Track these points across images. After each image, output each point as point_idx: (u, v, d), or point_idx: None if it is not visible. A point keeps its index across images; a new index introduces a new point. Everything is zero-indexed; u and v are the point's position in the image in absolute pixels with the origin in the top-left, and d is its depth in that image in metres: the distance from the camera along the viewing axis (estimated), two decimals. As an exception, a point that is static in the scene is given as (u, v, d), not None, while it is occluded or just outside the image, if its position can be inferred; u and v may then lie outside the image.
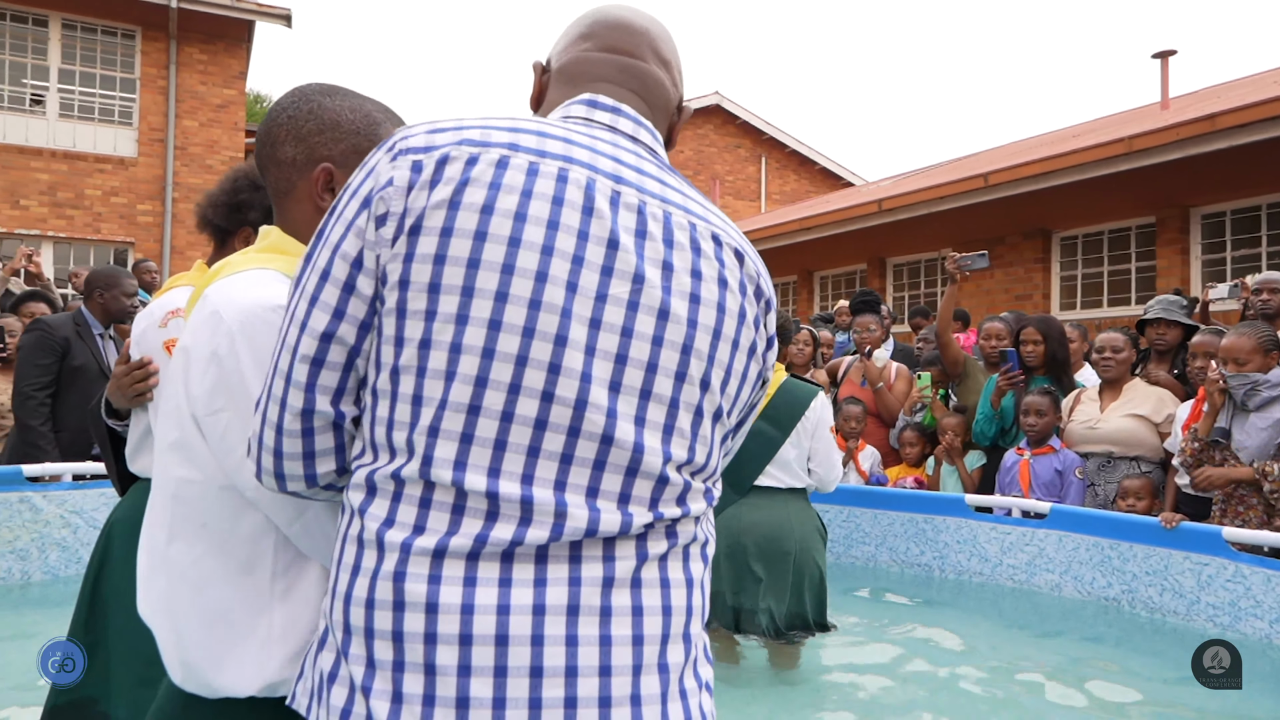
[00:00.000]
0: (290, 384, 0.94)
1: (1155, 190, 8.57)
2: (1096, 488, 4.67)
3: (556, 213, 0.92)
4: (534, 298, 0.89)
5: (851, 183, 20.08)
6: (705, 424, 0.98)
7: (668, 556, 0.96)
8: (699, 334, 0.96)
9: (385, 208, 0.91)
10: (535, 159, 0.93)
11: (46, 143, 12.27)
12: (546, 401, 0.89)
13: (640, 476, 0.93)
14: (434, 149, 0.92)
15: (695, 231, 0.99)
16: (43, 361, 4.38)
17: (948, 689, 3.45)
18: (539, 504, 0.89)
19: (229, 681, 1.06)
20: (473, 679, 0.86)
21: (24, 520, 4.37)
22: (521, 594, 0.88)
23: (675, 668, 0.94)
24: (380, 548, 0.89)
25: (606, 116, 1.06)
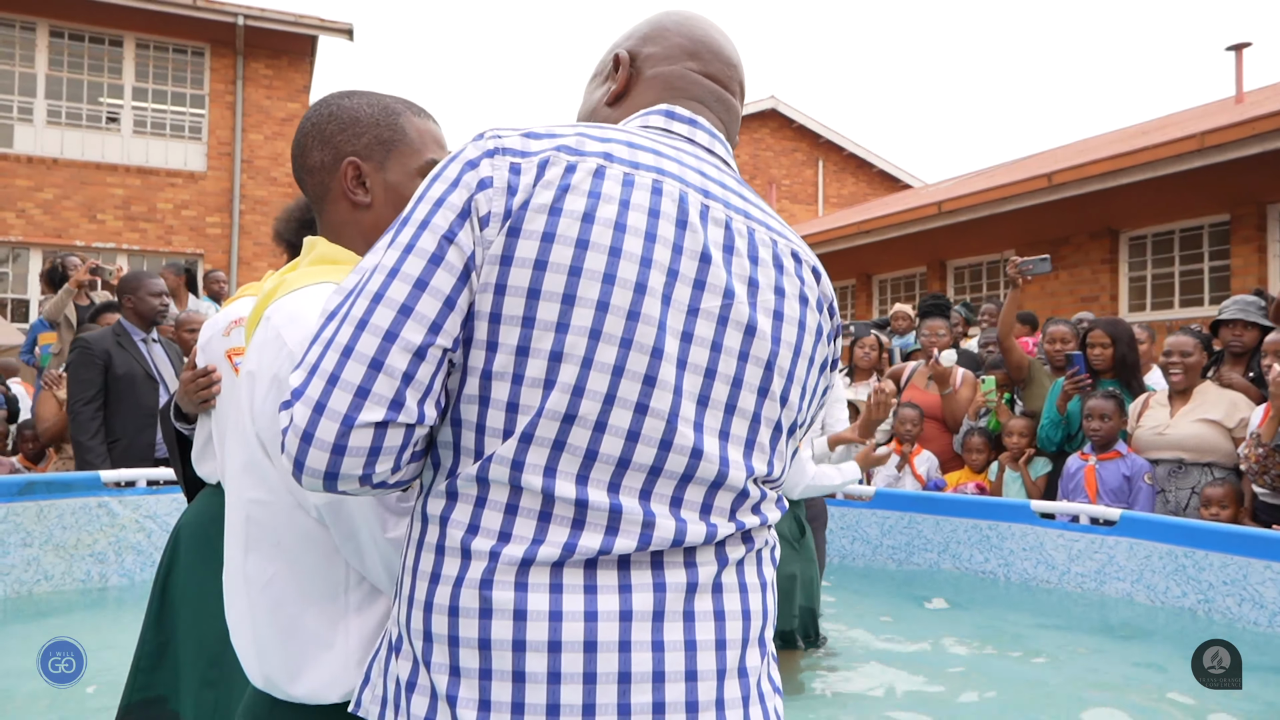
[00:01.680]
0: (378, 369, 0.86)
1: (1229, 187, 8.30)
2: (1167, 494, 4.53)
3: (653, 224, 0.92)
4: (633, 309, 0.89)
5: (910, 185, 19.81)
6: (783, 439, 1.01)
7: (744, 562, 0.97)
8: (782, 350, 0.98)
9: (488, 207, 0.89)
10: (630, 170, 0.93)
11: (121, 159, 12.71)
12: (640, 413, 0.89)
13: (723, 489, 0.94)
14: (531, 154, 0.91)
15: (777, 248, 1.01)
16: (85, 376, 4.50)
17: (1009, 697, 3.37)
18: (627, 513, 0.89)
19: (309, 691, 1.09)
20: (563, 685, 0.86)
21: (101, 525, 4.52)
22: (608, 600, 0.88)
23: (754, 671, 0.95)
24: (465, 555, 0.89)
25: (684, 128, 1.06)
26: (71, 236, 12.30)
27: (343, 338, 0.87)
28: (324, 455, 0.86)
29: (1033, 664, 3.77)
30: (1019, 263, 5.29)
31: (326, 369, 0.86)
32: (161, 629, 2.05)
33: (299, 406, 0.86)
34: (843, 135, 19.92)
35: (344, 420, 0.85)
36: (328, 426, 0.85)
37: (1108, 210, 9.39)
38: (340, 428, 0.85)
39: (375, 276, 0.89)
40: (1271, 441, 3.94)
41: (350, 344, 0.86)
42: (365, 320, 0.87)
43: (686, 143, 1.05)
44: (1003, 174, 11.88)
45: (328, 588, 1.10)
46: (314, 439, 0.85)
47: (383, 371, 0.86)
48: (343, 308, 0.89)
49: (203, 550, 1.99)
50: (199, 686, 1.92)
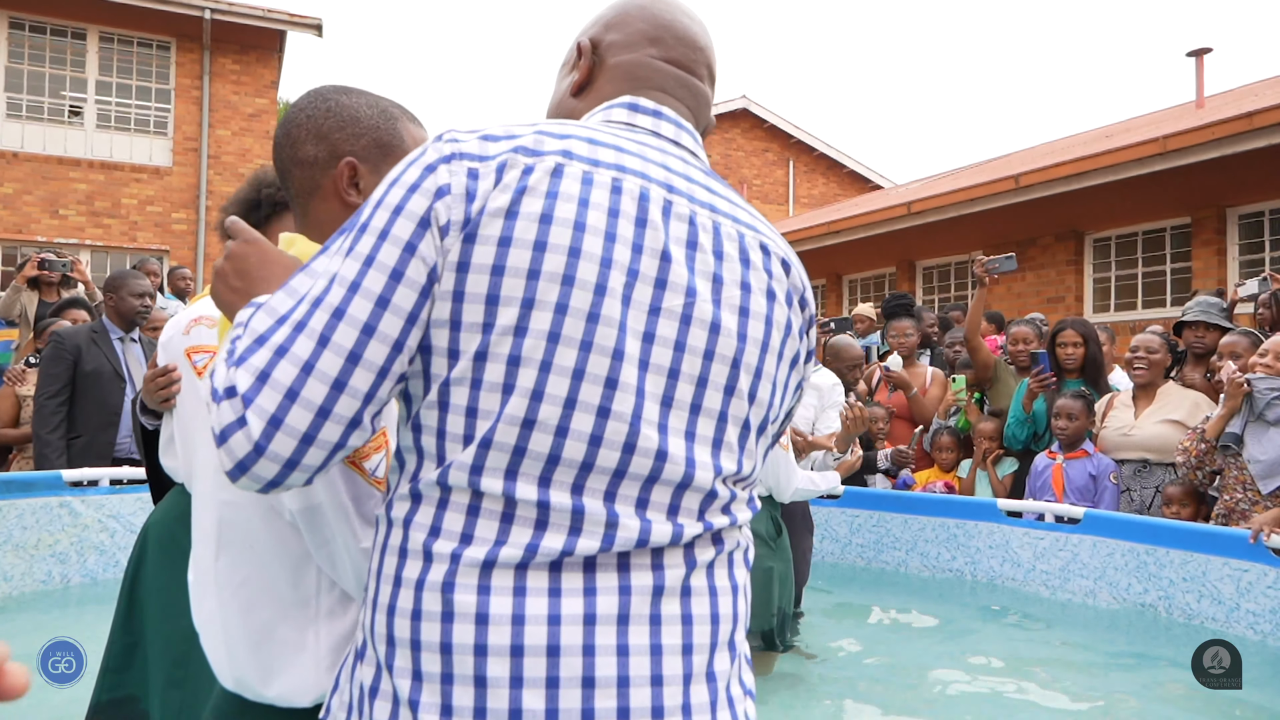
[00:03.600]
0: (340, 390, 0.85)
1: (1191, 190, 8.45)
2: (1132, 493, 4.60)
3: (612, 224, 0.90)
4: (592, 310, 0.87)
5: (880, 185, 19.96)
6: (751, 437, 0.99)
7: (714, 564, 0.95)
8: (748, 348, 0.96)
9: (447, 216, 0.87)
10: (589, 168, 0.92)
11: (84, 153, 12.50)
12: (602, 417, 0.88)
13: (690, 490, 0.92)
14: (489, 157, 0.90)
15: (744, 241, 0.99)
16: (53, 371, 4.49)
17: (976, 695, 3.41)
18: (590, 514, 0.88)
19: (281, 694, 1.09)
20: (525, 690, 0.84)
21: (63, 524, 4.45)
22: (571, 603, 0.86)
23: (723, 675, 0.94)
24: (427, 558, 0.87)
25: (649, 121, 1.04)
26: (32, 232, 12.08)
27: (301, 351, 0.85)
28: (275, 467, 0.85)
29: (998, 661, 3.81)
30: (985, 261, 5.35)
31: (282, 381, 0.84)
32: (130, 629, 2.03)
33: (252, 417, 0.83)
34: (813, 135, 20.02)
35: (303, 438, 0.85)
36: (284, 442, 0.84)
37: (1073, 212, 9.52)
38: (298, 445, 0.85)
39: (335, 289, 0.86)
40: (1215, 438, 4.01)
41: (311, 360, 0.85)
42: (326, 337, 0.85)
43: (651, 136, 1.02)
44: (970, 175, 12.01)
45: (299, 592, 1.10)
46: (267, 451, 0.84)
47: (345, 392, 0.85)
48: (295, 314, 0.86)
49: (170, 550, 1.98)
50: (165, 686, 1.91)
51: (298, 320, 0.86)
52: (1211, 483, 4.23)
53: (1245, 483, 4.01)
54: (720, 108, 18.97)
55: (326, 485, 1.05)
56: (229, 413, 0.84)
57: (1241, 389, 3.91)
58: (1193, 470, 4.16)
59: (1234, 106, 8.57)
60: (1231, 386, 3.95)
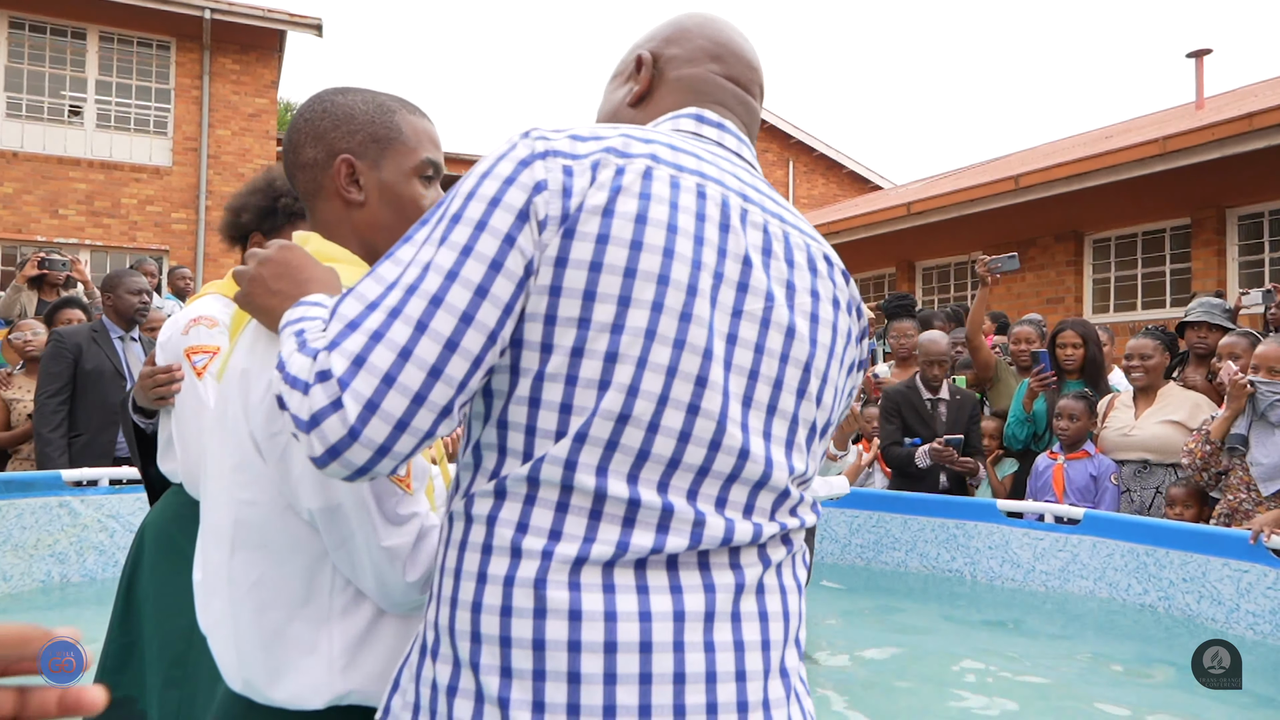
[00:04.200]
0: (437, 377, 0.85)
1: (1190, 191, 8.45)
2: (1132, 494, 4.60)
3: (700, 227, 0.92)
4: (685, 310, 0.89)
5: (880, 186, 19.96)
6: (817, 439, 1.02)
7: (784, 564, 0.98)
8: (818, 353, 0.99)
9: (545, 210, 0.88)
10: (675, 172, 0.94)
11: (84, 153, 12.49)
12: (692, 414, 0.90)
13: (766, 490, 0.95)
14: (581, 156, 0.91)
15: (810, 251, 1.02)
16: (54, 369, 4.49)
17: (976, 695, 3.41)
18: (678, 512, 0.89)
19: (290, 696, 1.08)
20: (619, 686, 0.86)
21: (63, 524, 4.45)
22: (660, 601, 0.88)
23: (793, 671, 0.97)
24: (515, 554, 0.88)
25: (714, 133, 1.07)
26: (32, 232, 12.07)
27: (398, 336, 0.84)
28: (367, 453, 0.84)
29: (998, 662, 3.81)
30: (987, 261, 5.35)
31: (380, 366, 0.83)
32: (127, 630, 2.03)
33: (349, 401, 0.82)
34: (813, 136, 20.02)
35: (397, 425, 0.83)
36: (379, 427, 0.83)
37: (1073, 213, 9.52)
38: (392, 431, 0.84)
39: (430, 276, 0.86)
40: (1220, 440, 4.01)
41: (409, 346, 0.84)
42: (424, 324, 0.84)
43: (717, 146, 1.06)
44: (971, 176, 12.01)
45: (312, 591, 1.09)
46: (361, 436, 0.83)
47: (441, 380, 0.85)
48: (388, 300, 0.85)
49: (167, 550, 1.98)
50: (162, 687, 1.90)
51: (393, 306, 0.85)
52: (1217, 484, 4.23)
53: (1249, 483, 4.01)
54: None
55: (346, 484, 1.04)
56: (322, 397, 0.83)
57: (1245, 390, 3.91)
58: (1199, 472, 4.15)
59: (1234, 107, 8.57)
60: (1234, 388, 3.95)
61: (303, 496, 1.06)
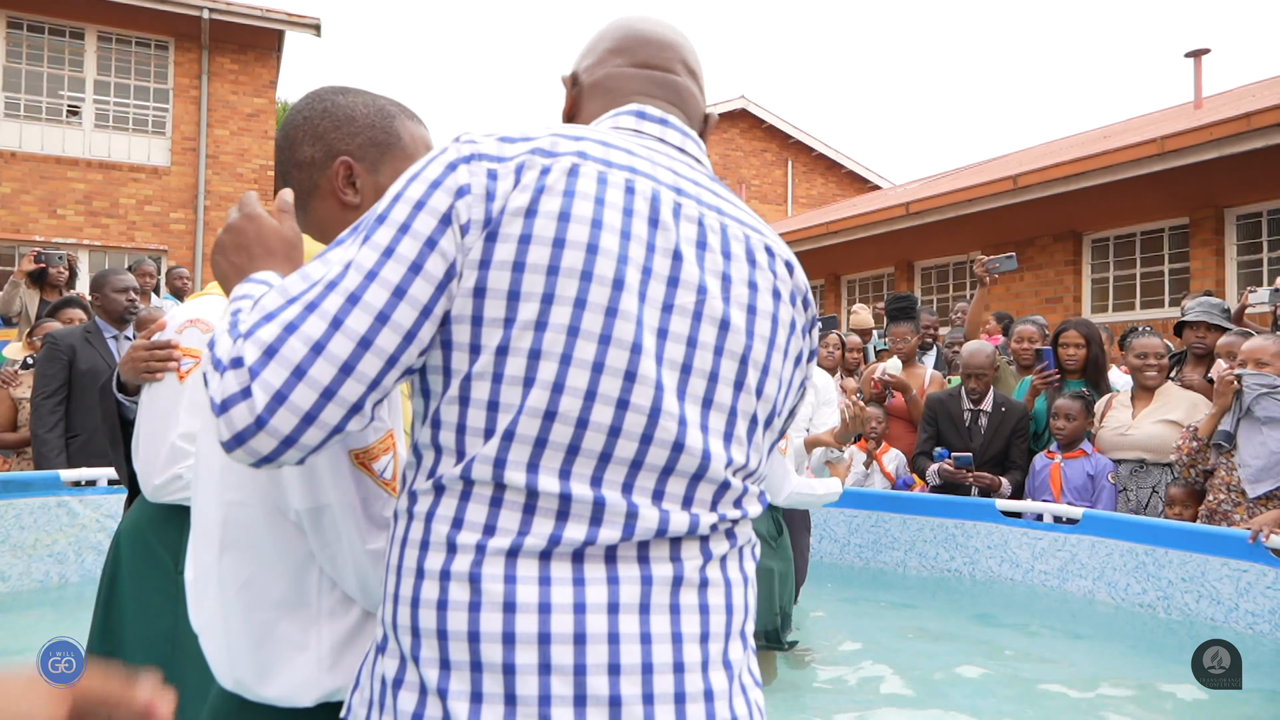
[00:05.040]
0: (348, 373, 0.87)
1: (1189, 191, 8.45)
2: (1129, 493, 4.60)
3: (627, 222, 0.93)
4: (610, 305, 0.90)
5: (879, 185, 19.97)
6: (759, 432, 1.02)
7: (728, 557, 0.98)
8: (756, 344, 0.99)
9: (468, 215, 0.90)
10: (603, 168, 0.95)
11: (82, 153, 12.48)
12: (621, 409, 0.90)
13: (705, 481, 0.95)
14: (507, 159, 0.93)
15: (750, 243, 1.02)
16: (49, 371, 4.48)
17: (975, 695, 3.41)
18: (610, 505, 0.90)
19: (280, 693, 1.08)
20: (553, 677, 0.86)
21: (61, 524, 4.44)
22: (596, 592, 0.89)
23: (738, 664, 0.97)
24: (450, 549, 0.89)
25: (655, 128, 1.07)
26: (30, 231, 12.06)
27: (312, 330, 0.85)
28: (272, 443, 0.86)
29: (997, 662, 3.81)
30: (986, 261, 5.35)
31: (290, 359, 0.85)
32: (107, 638, 2.01)
33: (257, 390, 0.84)
34: (812, 135, 20.03)
35: (305, 417, 0.85)
36: (286, 418, 0.85)
37: (1071, 213, 9.53)
38: (299, 423, 0.85)
39: (351, 275, 0.88)
40: (1207, 437, 4.02)
41: (322, 341, 0.85)
42: (340, 320, 0.86)
43: (658, 142, 1.06)
44: (969, 176, 12.02)
45: (301, 592, 1.09)
46: (268, 425, 0.84)
47: (351, 376, 0.86)
48: (307, 295, 0.87)
49: (143, 554, 1.96)
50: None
51: (310, 301, 0.87)
52: (1205, 481, 4.24)
53: (1230, 484, 4.03)
54: (719, 108, 18.96)
55: (336, 486, 1.05)
56: (233, 383, 0.85)
57: (1231, 386, 3.92)
58: (1186, 468, 4.17)
59: (1232, 107, 8.58)
60: (1221, 384, 3.97)
61: (290, 498, 1.07)
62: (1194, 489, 4.31)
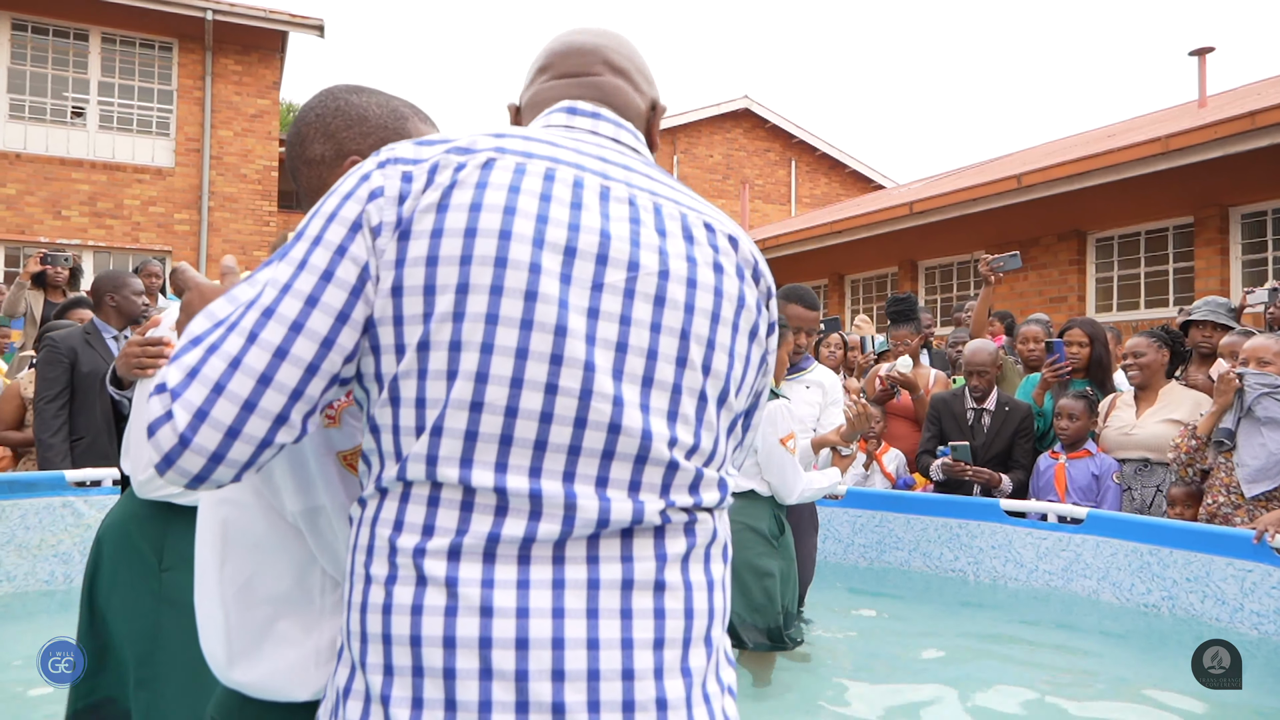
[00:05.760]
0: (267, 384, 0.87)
1: (1193, 190, 8.43)
2: (1133, 492, 4.60)
3: (544, 207, 0.92)
4: (529, 289, 0.89)
5: (882, 185, 19.95)
6: (710, 409, 0.98)
7: (689, 558, 0.95)
8: (697, 319, 0.96)
9: (379, 217, 0.90)
10: (522, 159, 0.95)
11: (87, 154, 12.51)
12: (550, 394, 0.89)
13: (649, 463, 0.92)
14: (422, 160, 0.93)
15: (686, 220, 1.00)
16: (51, 374, 4.43)
17: (979, 695, 3.41)
18: (548, 497, 0.88)
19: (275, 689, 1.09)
20: (494, 683, 0.85)
21: (66, 524, 4.45)
22: (540, 596, 0.87)
23: (698, 671, 0.94)
24: (393, 552, 0.88)
25: (587, 122, 1.07)
26: (35, 233, 12.09)
27: (230, 347, 0.87)
28: (200, 460, 0.86)
29: (1001, 662, 3.81)
30: (990, 260, 5.34)
31: (210, 376, 0.86)
32: (95, 634, 2.02)
33: (179, 410, 0.85)
34: (816, 135, 20.02)
35: (228, 432, 0.86)
36: (209, 434, 0.86)
37: (1075, 212, 9.51)
38: (223, 438, 0.86)
39: (268, 291, 0.89)
40: (1206, 435, 4.01)
41: (239, 356, 0.87)
42: (255, 334, 0.87)
43: (590, 135, 1.05)
44: (973, 175, 12.00)
45: (304, 591, 1.10)
46: (192, 443, 0.85)
47: (270, 386, 0.87)
48: (230, 317, 0.89)
49: (125, 551, 1.96)
50: (134, 687, 1.90)
51: (231, 321, 0.89)
52: (1203, 480, 4.23)
53: (1230, 485, 4.02)
54: (722, 108, 18.97)
55: (326, 488, 1.06)
56: (158, 407, 0.87)
57: (1232, 384, 3.92)
58: (1184, 467, 4.16)
59: (1236, 106, 8.56)
60: (1223, 383, 3.96)
61: (285, 500, 1.07)
62: (1193, 489, 4.31)
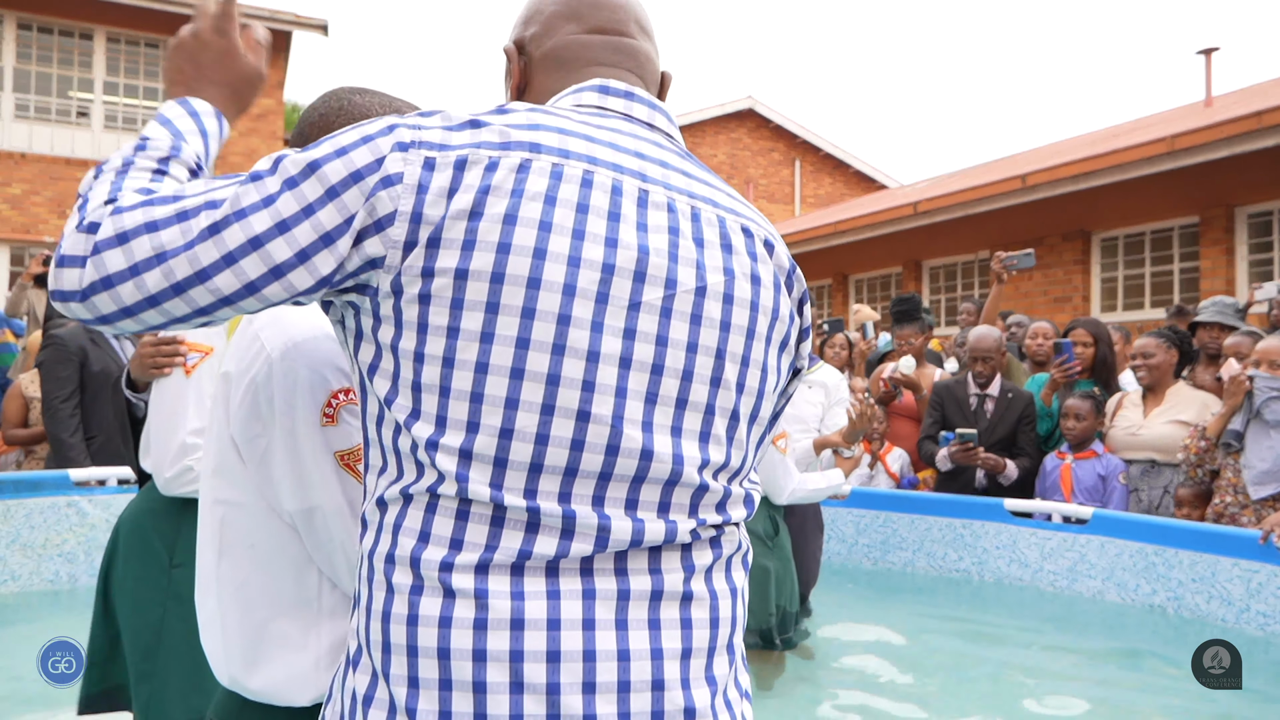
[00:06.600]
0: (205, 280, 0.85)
1: (1199, 189, 8.41)
2: (1140, 493, 4.58)
3: (581, 220, 0.87)
4: (562, 312, 0.85)
5: (886, 185, 19.93)
6: (741, 427, 0.96)
7: (713, 569, 0.94)
8: (732, 336, 0.94)
9: (394, 205, 0.85)
10: (559, 160, 0.89)
11: (92, 154, 12.53)
12: (583, 421, 0.86)
13: (680, 486, 0.91)
14: (450, 148, 0.87)
15: (725, 226, 0.96)
16: (61, 374, 4.40)
17: (983, 696, 3.40)
18: (581, 519, 0.87)
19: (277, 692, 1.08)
20: (526, 696, 0.83)
21: (71, 524, 4.46)
22: (570, 607, 0.86)
23: (722, 679, 0.93)
24: (416, 563, 0.86)
25: (620, 104, 1.01)
26: (40, 232, 12.11)
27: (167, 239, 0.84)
28: (87, 314, 0.86)
29: (1006, 662, 3.80)
30: (1003, 258, 5.32)
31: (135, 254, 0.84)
32: (109, 623, 2.06)
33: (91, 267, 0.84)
34: (820, 135, 19.99)
35: (125, 310, 0.85)
36: (106, 303, 0.85)
37: (1080, 212, 9.49)
38: (118, 311, 0.86)
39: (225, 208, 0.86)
40: (1216, 437, 4.00)
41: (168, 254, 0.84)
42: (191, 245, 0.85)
43: (623, 120, 0.99)
44: (977, 175, 11.98)
45: (302, 592, 1.09)
46: (88, 301, 0.85)
47: (180, 298, 0.85)
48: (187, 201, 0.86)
49: (138, 545, 2.00)
50: (135, 680, 1.92)
51: (184, 209, 0.86)
52: (1211, 481, 4.22)
53: (1237, 486, 4.01)
54: (726, 108, 18.95)
55: (324, 488, 1.05)
56: (80, 246, 0.85)
57: (1242, 386, 3.91)
58: (1193, 468, 4.15)
59: (1243, 105, 8.53)
60: (1232, 384, 3.95)
61: (283, 499, 1.07)
62: (1201, 490, 4.30)
